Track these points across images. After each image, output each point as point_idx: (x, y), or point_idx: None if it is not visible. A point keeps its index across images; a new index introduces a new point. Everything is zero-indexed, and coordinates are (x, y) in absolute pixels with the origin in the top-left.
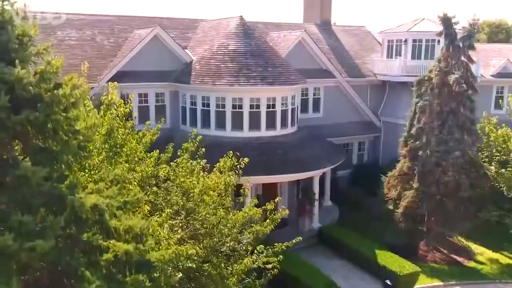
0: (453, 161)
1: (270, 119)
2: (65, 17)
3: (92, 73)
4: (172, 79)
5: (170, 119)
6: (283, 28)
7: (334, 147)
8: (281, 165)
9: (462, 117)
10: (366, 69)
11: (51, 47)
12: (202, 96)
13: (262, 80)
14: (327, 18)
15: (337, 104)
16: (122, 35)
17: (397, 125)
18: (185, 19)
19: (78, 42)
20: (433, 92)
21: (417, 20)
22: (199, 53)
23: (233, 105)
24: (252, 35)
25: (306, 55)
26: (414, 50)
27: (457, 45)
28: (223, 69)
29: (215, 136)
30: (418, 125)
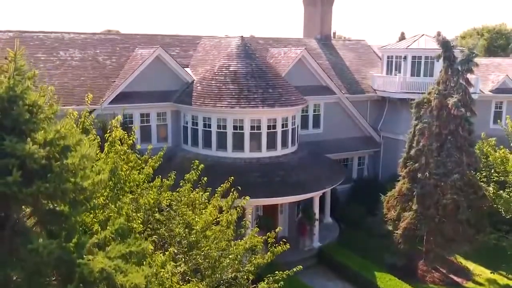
0: (452, 184)
1: (271, 140)
2: (68, 37)
3: (95, 94)
4: (174, 99)
5: (172, 138)
6: (283, 43)
7: (334, 165)
8: (282, 187)
9: (461, 140)
10: (366, 85)
11: (53, 90)
12: (204, 117)
13: (262, 102)
14: (327, 33)
15: (337, 120)
16: (124, 53)
17: (397, 140)
18: (186, 36)
19: (81, 63)
20: (432, 114)
21: (417, 36)
22: (200, 73)
23: (234, 126)
24: (252, 55)
25: (307, 72)
26: (413, 67)
27: (455, 68)
28: (224, 91)
29: (217, 156)
30: (417, 146)
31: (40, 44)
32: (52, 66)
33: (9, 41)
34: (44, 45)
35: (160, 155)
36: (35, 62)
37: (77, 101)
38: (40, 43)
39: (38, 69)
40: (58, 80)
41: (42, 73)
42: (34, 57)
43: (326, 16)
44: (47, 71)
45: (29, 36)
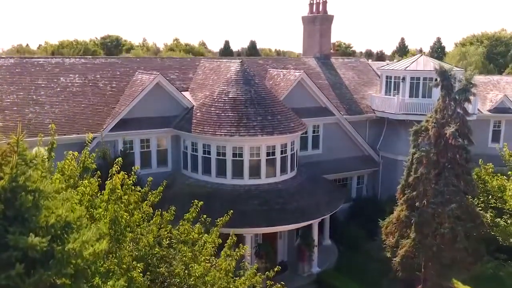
0: (449, 213)
1: (270, 166)
2: (68, 62)
3: (95, 121)
4: (174, 125)
5: (172, 163)
6: (283, 63)
7: (333, 190)
8: (281, 215)
9: (458, 168)
10: (365, 105)
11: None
12: (203, 144)
13: (261, 129)
14: (326, 51)
15: (336, 140)
16: (124, 77)
17: (396, 161)
18: (186, 59)
19: (81, 88)
20: (429, 143)
21: (415, 57)
22: (200, 98)
23: (233, 153)
24: (251, 81)
25: (306, 94)
26: (412, 88)
27: (453, 98)
28: (224, 118)
29: (216, 183)
30: (415, 174)
31: (41, 70)
32: (53, 93)
33: (11, 68)
34: (45, 71)
35: (160, 190)
36: (36, 89)
37: (78, 129)
38: (41, 69)
39: (39, 97)
40: (58, 107)
41: (44, 100)
42: (35, 84)
43: (325, 35)
44: (48, 98)
45: (30, 62)
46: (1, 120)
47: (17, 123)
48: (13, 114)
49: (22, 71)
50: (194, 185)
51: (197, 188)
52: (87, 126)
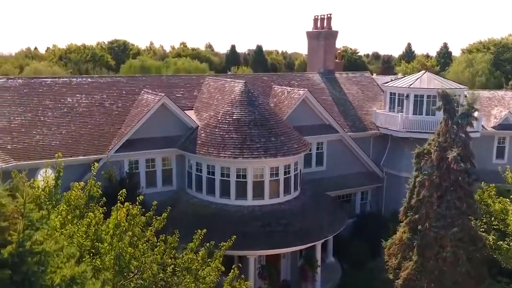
0: (451, 237)
1: (274, 187)
2: (75, 81)
3: (101, 142)
4: (178, 145)
5: (176, 182)
6: (287, 79)
7: (336, 207)
8: (284, 237)
9: (461, 191)
10: (369, 121)
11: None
12: (208, 165)
13: (265, 151)
14: (330, 67)
15: (340, 157)
16: (130, 97)
17: (400, 177)
18: (191, 76)
19: (88, 109)
20: (432, 166)
21: (419, 74)
22: (204, 118)
23: (237, 174)
24: (255, 102)
25: (310, 111)
26: (416, 105)
27: (455, 121)
28: (228, 140)
29: (220, 203)
30: (417, 197)
31: (48, 90)
32: (60, 114)
33: (19, 88)
34: (52, 91)
35: (164, 216)
36: (43, 110)
37: (84, 151)
38: (48, 89)
39: (46, 118)
40: (65, 128)
41: (51, 122)
42: (43, 105)
43: (329, 50)
44: (55, 119)
45: (37, 83)
46: (10, 143)
47: (25, 146)
48: (21, 136)
49: (30, 92)
50: (198, 205)
51: (201, 208)
52: (93, 147)
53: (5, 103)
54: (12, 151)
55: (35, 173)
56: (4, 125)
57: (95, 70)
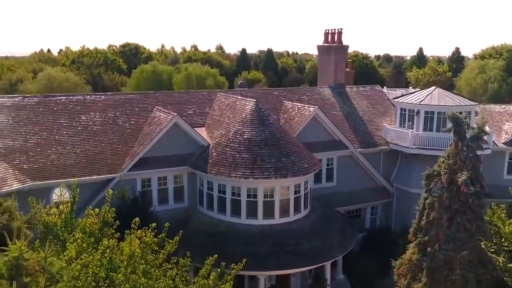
0: (461, 260)
1: (284, 207)
2: (89, 99)
3: (114, 161)
4: (190, 164)
5: (188, 199)
6: (297, 94)
7: (346, 225)
8: (293, 258)
9: (471, 214)
10: (379, 136)
11: None
12: (219, 184)
13: (275, 172)
14: (341, 81)
15: (350, 172)
16: (143, 114)
17: (410, 193)
18: (202, 92)
19: (101, 127)
20: (442, 188)
21: (430, 89)
22: (215, 136)
23: (248, 194)
24: (266, 121)
25: (320, 128)
26: (426, 122)
27: (466, 144)
28: (238, 160)
29: (231, 222)
30: (427, 219)
31: (63, 108)
32: (74, 133)
33: (34, 107)
34: (67, 109)
35: (176, 240)
36: (58, 129)
37: (98, 170)
38: (63, 107)
39: (61, 137)
40: (80, 147)
41: (66, 140)
42: (57, 123)
43: (340, 65)
44: (69, 138)
45: (53, 101)
46: (26, 162)
47: (41, 166)
48: (37, 156)
49: (45, 110)
50: (210, 223)
51: (212, 227)
52: (106, 166)
53: (21, 122)
54: (28, 171)
55: (50, 192)
56: (20, 145)
57: (107, 74)
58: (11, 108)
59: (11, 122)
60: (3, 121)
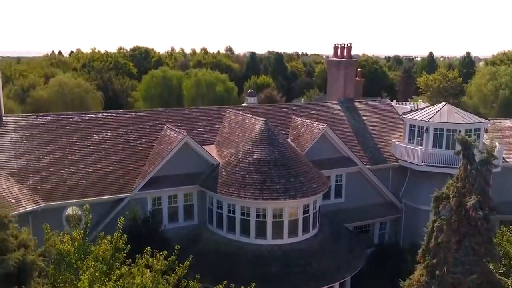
0: (470, 284)
1: (292, 227)
2: (101, 117)
3: (125, 180)
4: (200, 183)
5: (198, 216)
6: (307, 109)
7: (354, 243)
8: (302, 279)
9: (480, 238)
10: (388, 152)
11: None
12: (228, 203)
13: (284, 193)
14: (350, 95)
15: (358, 188)
16: (154, 132)
17: (419, 209)
18: (212, 109)
19: (113, 145)
20: (451, 210)
21: (439, 106)
22: (225, 155)
23: (257, 214)
24: (275, 141)
25: (329, 145)
26: (435, 139)
27: (474, 167)
28: (248, 180)
29: (240, 242)
30: (435, 241)
31: (75, 126)
32: (87, 151)
33: (47, 125)
34: (79, 127)
35: (186, 264)
36: (71, 147)
37: (110, 189)
38: (75, 125)
39: (74, 156)
40: (92, 166)
41: (78, 160)
42: (70, 142)
43: (349, 79)
44: (82, 157)
45: (65, 119)
46: (39, 183)
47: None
48: (50, 176)
49: (58, 129)
50: (219, 242)
51: (221, 246)
52: (118, 185)
53: (34, 141)
54: (41, 191)
55: (63, 212)
56: (34, 164)
57: (117, 78)
58: (25, 127)
59: (25, 141)
60: (18, 141)
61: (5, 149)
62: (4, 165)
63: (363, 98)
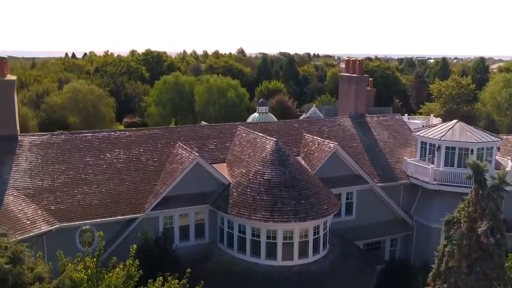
0: None
1: (303, 248)
2: (114, 136)
3: (137, 200)
4: (211, 202)
5: (209, 235)
6: (318, 125)
7: (365, 263)
8: None
9: (490, 264)
10: (399, 169)
11: None
12: (239, 224)
13: (295, 215)
14: (361, 111)
15: (369, 205)
16: (165, 151)
17: (430, 228)
18: (224, 126)
19: (125, 164)
20: (462, 235)
21: (451, 123)
22: (236, 175)
23: (267, 235)
24: (286, 162)
25: (340, 162)
26: (447, 157)
27: (486, 193)
28: (259, 202)
29: (251, 262)
30: (446, 266)
31: (89, 146)
32: (100, 171)
33: (62, 144)
34: (93, 146)
35: None
36: (84, 167)
37: (123, 209)
38: (89, 144)
39: (87, 176)
40: (105, 186)
41: (91, 179)
42: (84, 161)
43: (360, 95)
44: (95, 177)
45: (79, 138)
46: (53, 203)
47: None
48: (64, 196)
49: (72, 148)
50: (230, 262)
51: (232, 266)
52: (130, 205)
53: (49, 161)
54: (55, 212)
55: (76, 232)
56: (48, 184)
57: (130, 83)
58: (40, 146)
59: (40, 161)
60: (33, 160)
61: (20, 168)
62: (20, 186)
63: (375, 107)
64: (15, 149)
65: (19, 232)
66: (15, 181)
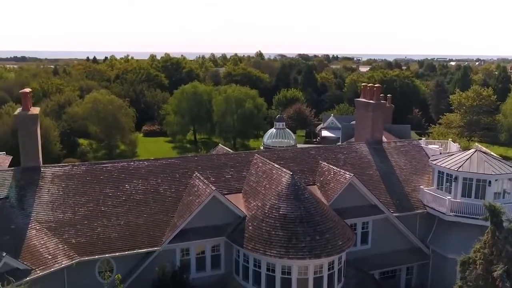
0: None
1: (317, 283)
2: (133, 166)
3: (155, 233)
4: (227, 235)
5: (224, 266)
6: (334, 152)
7: None
8: None
9: None
10: (416, 198)
11: None
12: (254, 258)
13: (310, 252)
14: (378, 137)
15: (385, 235)
16: (183, 181)
17: (446, 258)
18: (241, 154)
19: (144, 196)
20: (477, 277)
21: (469, 153)
22: (252, 208)
23: (282, 271)
24: (302, 196)
25: (356, 193)
26: (464, 188)
27: (503, 235)
28: (274, 237)
29: None
30: None
31: (108, 176)
32: (118, 203)
33: (82, 176)
34: (112, 177)
35: None
36: (104, 199)
37: (141, 243)
38: (108, 175)
39: (106, 208)
40: (124, 219)
41: (111, 212)
42: (103, 193)
43: (377, 121)
44: (114, 209)
45: (99, 169)
46: (74, 236)
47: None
48: (84, 229)
49: (92, 179)
50: None
51: None
52: (148, 238)
53: (70, 193)
54: (76, 245)
55: (95, 265)
56: (69, 217)
57: (149, 91)
58: (62, 177)
59: (61, 193)
60: (55, 192)
61: (43, 201)
62: (42, 219)
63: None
64: (37, 181)
65: (41, 268)
66: (38, 214)
